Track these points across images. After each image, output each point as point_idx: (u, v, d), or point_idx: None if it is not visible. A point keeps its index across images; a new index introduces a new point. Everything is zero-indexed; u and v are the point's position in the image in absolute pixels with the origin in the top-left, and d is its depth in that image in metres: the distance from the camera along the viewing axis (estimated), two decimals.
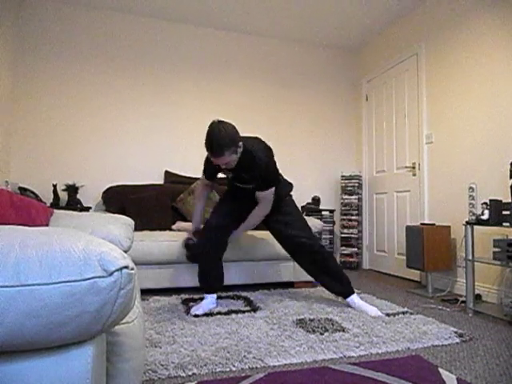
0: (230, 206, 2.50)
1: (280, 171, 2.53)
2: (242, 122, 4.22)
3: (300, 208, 4.10)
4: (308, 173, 4.44)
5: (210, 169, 2.42)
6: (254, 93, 4.28)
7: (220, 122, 2.10)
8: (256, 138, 2.34)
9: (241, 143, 2.14)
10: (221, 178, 3.90)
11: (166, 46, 4.00)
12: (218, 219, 2.43)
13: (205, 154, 2.38)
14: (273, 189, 2.34)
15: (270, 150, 2.31)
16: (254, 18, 3.94)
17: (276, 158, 2.42)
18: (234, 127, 2.13)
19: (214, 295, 2.45)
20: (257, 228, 2.60)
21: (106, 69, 3.79)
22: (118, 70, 3.83)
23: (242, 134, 2.20)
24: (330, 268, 2.44)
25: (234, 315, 2.26)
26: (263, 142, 2.34)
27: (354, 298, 2.42)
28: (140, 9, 3.78)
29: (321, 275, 2.48)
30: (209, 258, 2.43)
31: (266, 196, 2.34)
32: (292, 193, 2.64)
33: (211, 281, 2.45)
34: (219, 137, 2.03)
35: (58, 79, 3.64)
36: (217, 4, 3.67)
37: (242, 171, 2.27)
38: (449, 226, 3.06)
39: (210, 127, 2.09)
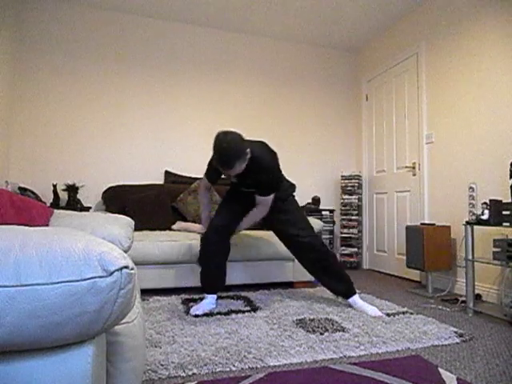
0: (233, 206, 2.50)
1: (282, 172, 2.53)
2: (242, 121, 4.23)
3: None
4: (308, 173, 4.44)
5: (213, 173, 2.42)
6: (253, 93, 4.28)
7: (225, 133, 2.08)
8: (262, 143, 2.32)
9: (248, 150, 2.12)
10: (222, 178, 3.92)
11: (165, 46, 4.00)
12: (221, 220, 2.43)
13: (205, 154, 2.39)
14: (273, 195, 2.35)
15: (275, 155, 2.31)
16: (254, 18, 3.94)
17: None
18: (240, 135, 2.11)
19: (215, 295, 2.45)
20: (257, 228, 2.60)
21: (106, 69, 3.79)
22: (117, 70, 3.83)
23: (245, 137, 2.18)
24: (331, 267, 2.44)
25: (233, 315, 2.26)
26: (268, 147, 2.32)
27: (356, 299, 2.42)
28: (140, 8, 3.78)
29: (322, 275, 2.47)
30: (212, 260, 2.43)
31: (266, 201, 2.35)
32: (294, 193, 2.64)
33: (214, 281, 2.45)
34: (228, 150, 2.02)
35: (58, 79, 3.64)
36: (217, 4, 3.67)
37: (247, 177, 2.26)
38: (449, 226, 3.06)
39: (216, 141, 2.07)
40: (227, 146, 2.02)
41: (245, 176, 2.25)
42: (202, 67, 4.12)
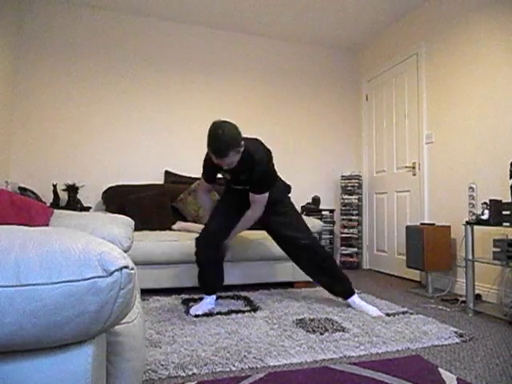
0: (228, 209, 2.49)
1: (278, 173, 2.52)
2: (242, 121, 4.20)
3: (300, 208, 4.11)
4: (308, 173, 4.44)
5: (209, 170, 2.38)
6: (253, 93, 4.28)
7: (222, 121, 2.08)
8: (256, 140, 2.31)
9: (242, 142, 2.12)
10: (220, 178, 3.91)
11: (166, 46, 4.00)
12: (215, 224, 2.42)
13: (203, 153, 2.39)
14: (267, 193, 2.31)
15: (269, 152, 2.30)
16: (254, 18, 3.94)
17: (276, 158, 2.42)
18: (236, 126, 2.10)
19: (214, 296, 2.45)
20: (257, 228, 2.60)
21: (106, 69, 3.79)
22: (118, 69, 3.83)
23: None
24: (328, 268, 2.43)
25: (234, 315, 2.26)
26: (263, 144, 2.32)
27: (355, 299, 2.41)
28: (140, 8, 3.78)
29: (320, 276, 2.47)
30: (207, 263, 2.43)
31: (260, 199, 2.31)
32: (291, 193, 2.63)
33: (210, 283, 2.46)
34: (223, 137, 2.01)
35: (58, 79, 3.64)
36: (217, 4, 3.67)
37: (241, 172, 2.25)
38: (449, 226, 3.06)
39: (212, 127, 2.06)
40: (223, 133, 2.01)
41: (238, 171, 2.23)
42: (202, 67, 4.11)
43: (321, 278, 2.48)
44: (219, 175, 2.46)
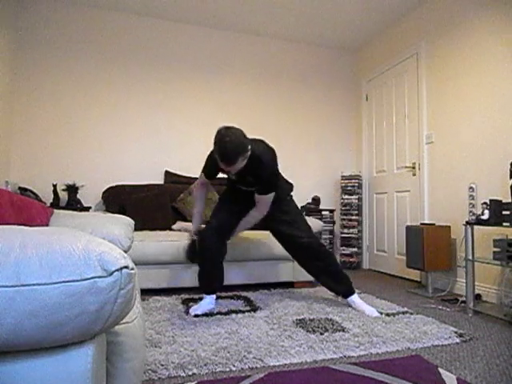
0: (231, 206, 2.49)
1: (280, 171, 2.53)
2: (242, 122, 4.23)
3: (300, 208, 4.10)
4: (308, 173, 4.44)
5: (212, 169, 2.38)
6: (253, 93, 4.28)
7: (227, 128, 2.06)
8: (261, 142, 2.31)
9: (249, 147, 2.11)
10: (220, 178, 3.91)
11: (165, 46, 4.00)
12: (218, 221, 2.42)
13: (205, 154, 2.40)
14: (273, 193, 2.32)
15: (274, 154, 2.29)
16: (254, 18, 3.94)
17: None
18: (242, 132, 2.09)
19: (213, 296, 2.45)
20: (257, 228, 2.60)
21: (106, 69, 3.79)
22: (118, 69, 3.83)
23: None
24: (329, 267, 2.44)
25: (234, 315, 2.26)
26: (268, 145, 2.31)
27: (355, 299, 2.42)
28: (140, 8, 3.78)
29: (321, 275, 2.48)
30: (210, 260, 2.42)
31: (266, 199, 2.33)
32: (292, 192, 2.63)
33: (211, 282, 2.45)
34: (231, 145, 1.99)
35: (57, 79, 3.64)
36: (216, 4, 3.67)
37: (247, 174, 2.24)
38: (449, 226, 3.06)
39: (219, 135, 2.04)
40: (230, 141, 1.99)
41: (245, 173, 2.23)
42: (202, 67, 4.12)
43: (321, 277, 2.48)
44: (222, 174, 2.45)
